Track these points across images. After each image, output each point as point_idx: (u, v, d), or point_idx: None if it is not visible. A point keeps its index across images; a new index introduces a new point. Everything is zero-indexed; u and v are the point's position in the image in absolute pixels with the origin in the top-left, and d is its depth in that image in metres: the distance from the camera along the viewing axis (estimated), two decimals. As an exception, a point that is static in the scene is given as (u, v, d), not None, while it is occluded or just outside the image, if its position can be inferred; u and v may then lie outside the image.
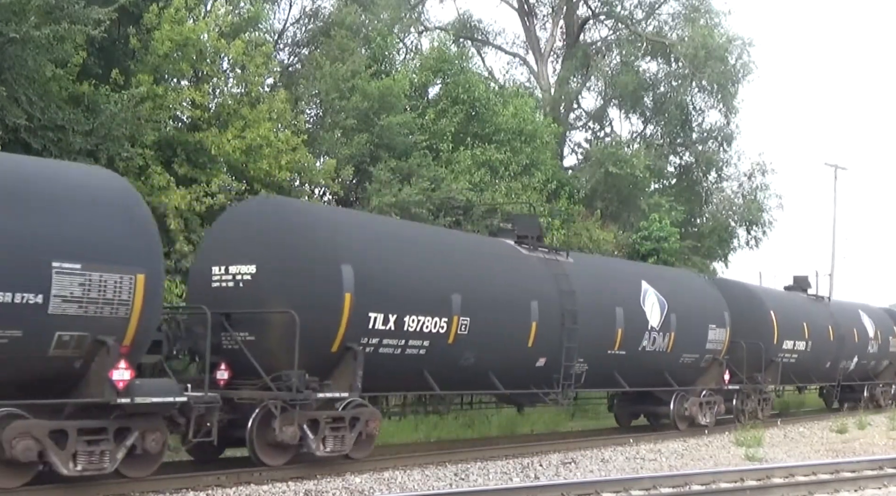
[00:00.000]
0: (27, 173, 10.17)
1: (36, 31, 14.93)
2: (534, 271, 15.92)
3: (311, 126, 23.03)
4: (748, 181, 37.07)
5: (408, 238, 14.64)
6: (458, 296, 13.97)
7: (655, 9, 37.21)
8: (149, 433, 10.65)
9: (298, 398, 11.94)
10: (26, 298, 9.49)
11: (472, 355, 14.38)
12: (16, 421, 9.74)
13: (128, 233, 10.48)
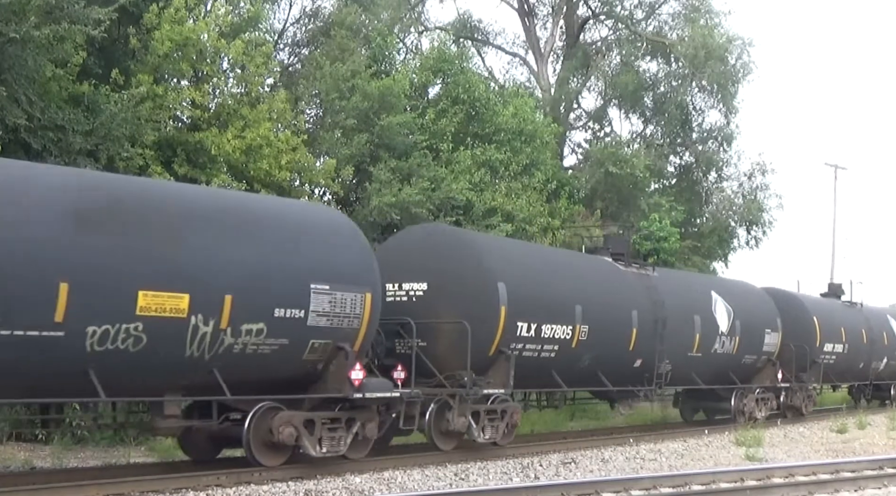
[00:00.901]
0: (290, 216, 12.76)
1: (36, 31, 14.93)
2: (631, 284, 18.30)
3: (311, 126, 23.04)
4: (748, 181, 37.08)
5: (542, 258, 17.38)
6: (579, 307, 16.29)
7: (655, 9, 37.22)
8: (368, 422, 12.95)
9: (470, 393, 14.24)
10: (293, 313, 11.85)
11: (588, 357, 16.66)
12: (281, 412, 11.99)
13: (358, 259, 12.86)
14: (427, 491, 11.40)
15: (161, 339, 10.63)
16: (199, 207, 11.65)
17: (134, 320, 10.37)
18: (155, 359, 10.72)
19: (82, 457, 14.52)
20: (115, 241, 10.40)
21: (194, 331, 10.89)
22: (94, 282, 10.08)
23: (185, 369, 11.07)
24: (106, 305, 10.19)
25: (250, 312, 11.39)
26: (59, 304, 9.77)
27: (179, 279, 10.75)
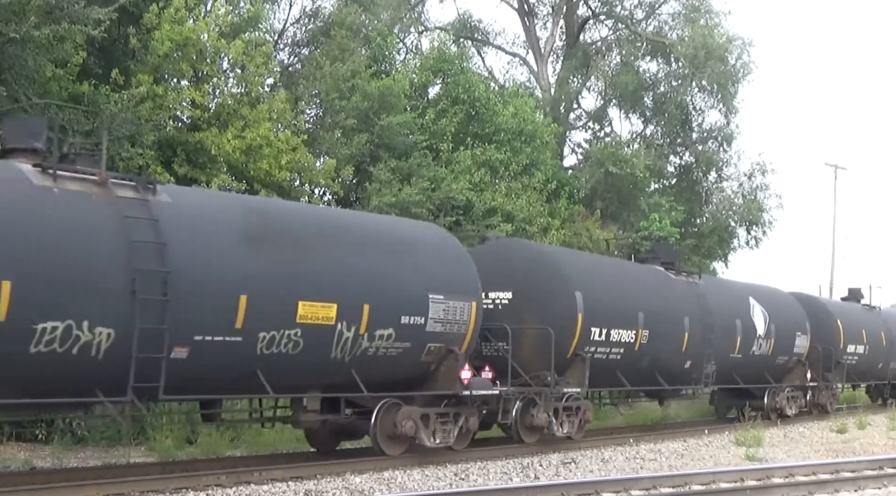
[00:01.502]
0: (407, 234, 14.45)
1: (36, 31, 14.94)
2: (682, 292, 19.79)
3: (311, 126, 23.05)
4: (748, 181, 37.05)
5: (609, 269, 19.07)
6: (641, 314, 17.80)
7: (655, 9, 37.19)
8: (470, 416, 14.55)
9: (554, 391, 15.75)
10: (415, 320, 13.45)
11: (647, 359, 18.11)
12: (403, 407, 13.54)
13: (464, 272, 14.49)
14: (427, 491, 11.40)
15: (314, 343, 12.22)
16: (342, 228, 13.44)
17: (294, 327, 11.95)
18: (307, 360, 12.31)
19: (82, 457, 14.51)
20: (279, 258, 11.96)
21: (339, 336, 12.54)
22: (265, 294, 11.61)
23: (330, 369, 12.71)
24: (274, 314, 11.74)
25: (383, 319, 13.01)
26: (239, 314, 11.36)
27: (329, 291, 12.39)
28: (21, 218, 9.88)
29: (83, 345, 10.08)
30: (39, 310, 9.74)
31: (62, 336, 9.90)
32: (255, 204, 13.32)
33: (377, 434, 13.42)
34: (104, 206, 10.66)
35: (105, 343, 10.24)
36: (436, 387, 14.07)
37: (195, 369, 11.03)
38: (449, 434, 14.16)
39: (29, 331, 9.67)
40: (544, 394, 15.72)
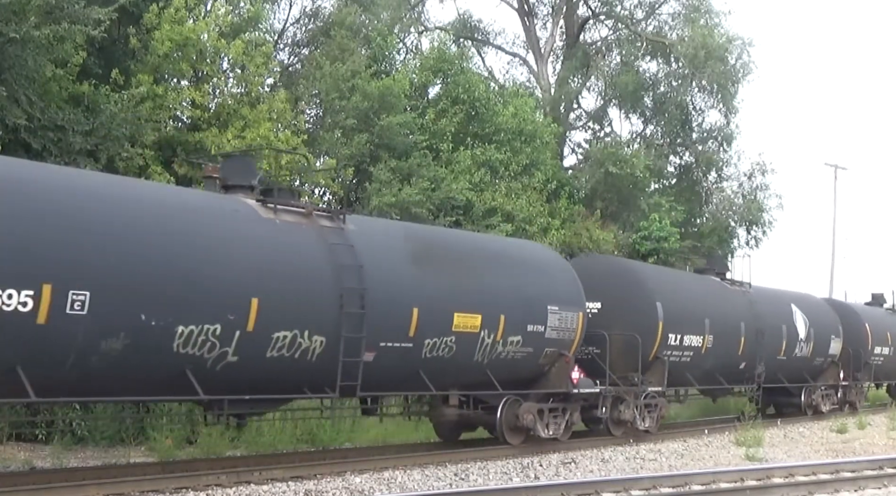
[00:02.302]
0: (530, 254, 16.97)
1: (36, 31, 14.93)
2: (737, 300, 21.89)
3: (311, 126, 23.05)
4: (748, 181, 37.04)
5: (681, 281, 21.39)
6: (708, 321, 20.02)
7: (655, 9, 37.18)
8: (574, 412, 16.71)
9: (641, 390, 18.04)
10: (537, 328, 15.58)
11: (711, 361, 20.27)
12: (524, 403, 15.63)
13: (573, 287, 16.66)
14: (427, 491, 11.40)
15: (463, 348, 14.37)
16: (483, 250, 15.92)
17: (450, 334, 14.10)
18: (457, 362, 14.43)
19: (82, 457, 14.52)
20: (439, 277, 14.14)
21: (481, 342, 14.68)
22: (430, 307, 13.72)
23: (472, 370, 14.89)
24: (436, 324, 13.87)
25: (513, 327, 15.15)
26: (412, 324, 13.46)
27: (476, 303, 14.54)
28: (259, 245, 11.89)
29: (303, 351, 12.12)
30: (276, 322, 11.69)
31: (290, 343, 11.91)
32: (417, 231, 15.56)
33: (502, 425, 15.56)
34: (313, 233, 12.79)
35: (318, 349, 12.28)
36: (548, 385, 16.25)
37: (378, 370, 13.06)
38: (559, 427, 16.38)
39: (268, 338, 11.67)
40: (633, 393, 17.99)
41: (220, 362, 11.29)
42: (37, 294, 9.52)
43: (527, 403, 15.75)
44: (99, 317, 10.02)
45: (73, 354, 10.01)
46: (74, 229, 10.00)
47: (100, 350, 10.18)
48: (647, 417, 18.50)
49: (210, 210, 11.82)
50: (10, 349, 9.54)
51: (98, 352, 10.17)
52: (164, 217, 11.08)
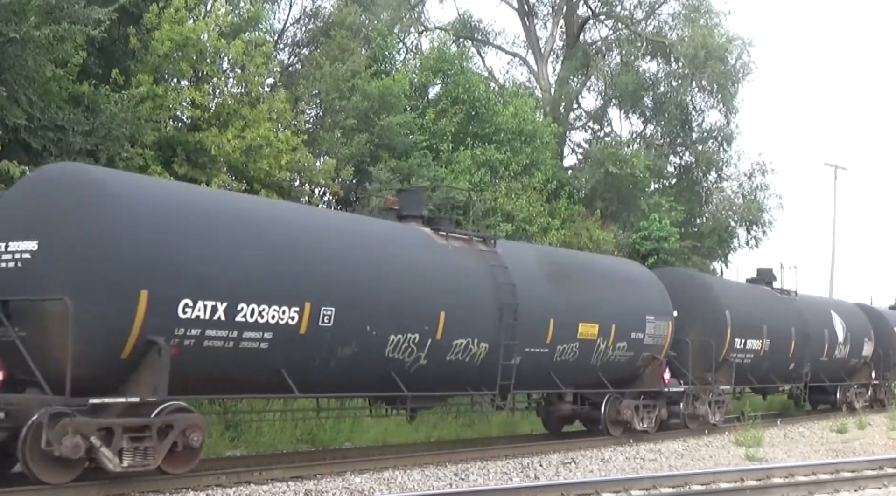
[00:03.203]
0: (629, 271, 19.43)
1: (36, 31, 14.92)
2: (787, 307, 24.47)
3: (311, 126, 23.04)
4: (748, 181, 37.07)
5: (743, 290, 23.64)
6: (765, 326, 22.31)
7: (655, 9, 37.21)
8: (661, 408, 18.97)
9: (714, 388, 20.41)
10: (638, 335, 18.00)
11: (767, 363, 22.72)
12: (624, 399, 17.96)
13: (663, 299, 18.98)
14: (427, 491, 11.40)
15: (583, 353, 16.79)
16: (597, 267, 18.52)
17: (575, 341, 16.50)
18: (578, 365, 16.74)
19: (82, 457, 14.48)
20: (568, 292, 16.50)
21: (597, 348, 17.06)
22: (562, 318, 16.17)
23: (587, 372, 17.20)
24: (566, 332, 16.25)
25: (621, 335, 17.55)
26: (549, 333, 15.92)
27: (595, 314, 16.93)
28: (443, 267, 14.44)
29: (472, 355, 14.47)
30: (456, 331, 14.09)
31: (463, 348, 14.32)
32: (544, 252, 18.30)
33: (606, 419, 17.72)
34: (477, 256, 15.21)
35: (482, 353, 14.66)
36: (643, 384, 18.55)
37: (522, 372, 15.38)
38: (651, 420, 18.56)
39: (450, 345, 14.08)
40: (709, 391, 20.26)
41: (415, 365, 13.73)
42: (301, 310, 11.85)
43: (626, 400, 18.00)
44: (339, 329, 12.36)
45: (318, 358, 12.31)
46: (325, 261, 12.49)
47: (337, 355, 12.51)
48: (716, 412, 20.50)
49: (405, 239, 14.42)
50: (279, 354, 11.74)
51: (335, 356, 12.51)
52: (380, 246, 13.67)
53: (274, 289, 11.55)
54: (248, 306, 11.25)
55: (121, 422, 10.42)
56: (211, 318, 10.90)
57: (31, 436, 9.94)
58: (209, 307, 10.86)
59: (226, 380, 11.53)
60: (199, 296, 10.78)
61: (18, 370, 10.33)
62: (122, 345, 10.32)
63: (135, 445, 10.51)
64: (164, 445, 10.76)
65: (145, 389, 10.54)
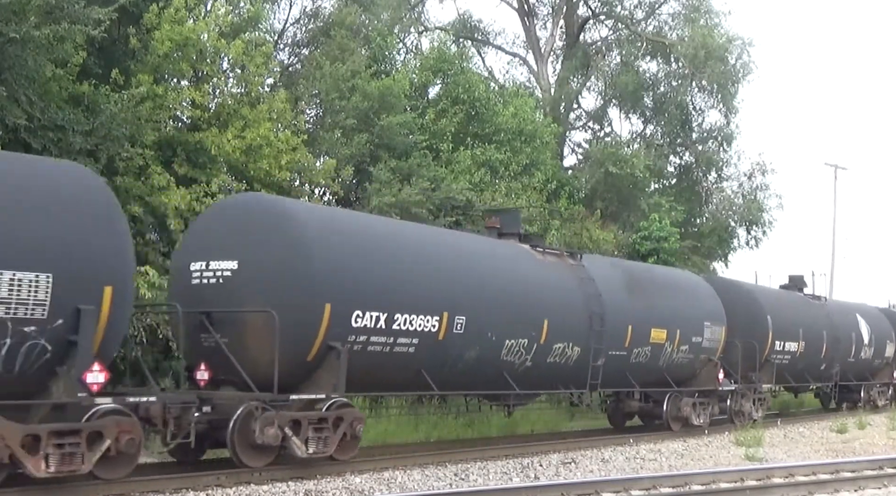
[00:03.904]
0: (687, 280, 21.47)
1: (36, 31, 14.91)
2: (819, 311, 26.31)
3: (311, 126, 23.03)
4: (748, 181, 37.08)
5: (781, 297, 25.34)
6: (801, 330, 24.38)
7: (655, 9, 37.21)
8: (714, 405, 20.74)
9: (758, 387, 22.23)
10: (697, 339, 19.89)
11: (803, 363, 24.43)
12: (683, 398, 19.71)
13: (717, 306, 20.90)
14: (427, 491, 11.40)
15: (653, 355, 18.69)
16: (662, 279, 20.45)
17: (647, 345, 18.48)
18: (648, 366, 18.76)
19: (82, 457, 14.47)
20: (642, 301, 18.52)
21: (664, 351, 19.04)
22: (638, 324, 18.15)
23: (655, 372, 19.14)
24: (640, 337, 18.30)
25: (684, 339, 19.41)
26: (627, 337, 18.00)
27: (664, 321, 18.92)
28: (545, 280, 16.40)
29: (567, 357, 16.43)
30: (556, 336, 16.05)
31: (561, 351, 16.30)
32: (620, 264, 20.22)
33: (668, 415, 19.38)
34: (568, 270, 17.26)
35: (575, 356, 16.61)
36: (699, 384, 20.31)
37: (605, 372, 17.33)
38: (707, 417, 20.21)
39: (551, 348, 16.04)
40: (754, 389, 21.97)
41: (522, 366, 15.69)
42: (440, 319, 13.83)
43: (685, 398, 19.68)
44: (468, 335, 14.30)
45: (450, 360, 14.22)
46: (458, 277, 14.48)
47: (464, 357, 14.43)
48: (759, 409, 22.17)
49: (516, 256, 16.46)
50: (422, 357, 13.68)
51: (463, 359, 14.42)
52: (498, 263, 15.75)
53: (421, 302, 13.57)
54: (402, 316, 13.25)
55: (307, 415, 12.28)
56: (374, 327, 12.94)
57: (238, 426, 11.69)
58: (374, 317, 12.89)
59: (380, 379, 13.59)
60: (367, 308, 12.81)
61: (220, 371, 12.20)
62: (308, 349, 12.28)
63: (317, 435, 12.36)
64: (337, 435, 12.63)
65: (324, 387, 12.50)
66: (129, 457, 10.71)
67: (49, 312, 9.70)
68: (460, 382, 14.92)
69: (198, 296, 12.45)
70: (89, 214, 10.26)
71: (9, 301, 9.41)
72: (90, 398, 10.24)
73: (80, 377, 10.10)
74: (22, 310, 9.54)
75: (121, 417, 10.55)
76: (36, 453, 9.87)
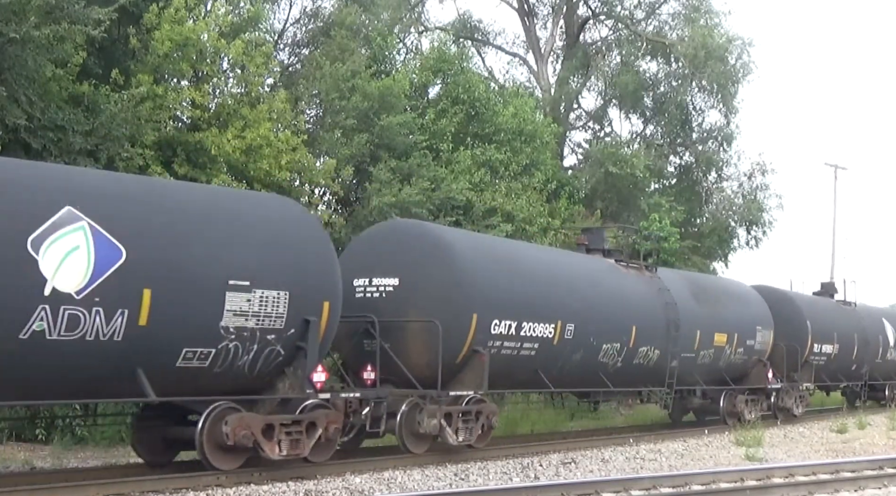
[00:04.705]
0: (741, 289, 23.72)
1: (36, 31, 14.92)
2: (850, 316, 28.32)
3: (311, 126, 23.02)
4: (748, 181, 37.06)
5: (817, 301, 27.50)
6: (835, 333, 26.16)
7: (655, 9, 37.17)
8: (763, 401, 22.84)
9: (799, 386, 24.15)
10: (751, 342, 22.12)
11: (836, 364, 26.55)
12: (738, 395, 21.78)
13: (766, 311, 23.17)
14: (427, 491, 11.40)
15: (715, 357, 20.96)
16: (721, 287, 22.77)
17: (710, 348, 20.64)
18: (711, 366, 20.89)
19: (82, 457, 14.52)
20: (708, 308, 20.73)
21: (725, 353, 21.22)
22: (704, 330, 20.38)
23: (715, 372, 21.17)
24: (706, 340, 20.48)
25: (741, 342, 21.62)
26: (696, 341, 20.10)
27: (726, 326, 21.16)
28: (632, 291, 18.65)
29: (649, 359, 18.61)
30: (641, 340, 18.21)
31: (645, 354, 18.45)
32: (686, 275, 22.62)
33: (724, 411, 21.37)
34: (648, 281, 19.39)
35: (655, 358, 18.73)
36: (750, 382, 22.24)
37: (679, 372, 19.39)
38: (757, 412, 22.04)
39: (637, 351, 18.19)
40: (796, 388, 23.91)
41: (614, 367, 17.75)
42: (555, 327, 16.02)
43: (739, 395, 21.69)
44: (575, 340, 16.48)
45: (560, 362, 16.41)
46: (569, 290, 16.82)
47: (571, 360, 16.61)
48: (799, 405, 24.14)
49: (606, 270, 18.76)
50: (539, 359, 15.89)
51: (570, 361, 16.61)
52: (596, 276, 18.09)
53: (542, 312, 15.77)
54: (527, 324, 15.45)
55: (456, 409, 14.38)
56: (507, 333, 15.09)
57: (405, 418, 13.84)
58: (507, 325, 15.07)
59: (506, 378, 15.59)
60: (503, 317, 14.96)
61: (383, 371, 14.01)
62: (458, 353, 14.44)
63: (465, 426, 14.51)
64: (478, 426, 14.75)
65: (469, 385, 14.63)
66: (331, 443, 12.77)
67: (285, 323, 11.78)
68: (567, 381, 17.19)
69: (361, 307, 14.44)
70: (311, 244, 12.52)
71: (259, 314, 11.50)
72: (315, 394, 12.33)
73: (308, 377, 12.12)
74: (268, 321, 11.63)
75: (328, 410, 12.53)
76: (271, 439, 11.79)
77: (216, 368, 11.27)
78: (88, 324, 9.97)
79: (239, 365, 11.49)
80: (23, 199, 9.80)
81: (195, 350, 10.95)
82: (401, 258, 14.59)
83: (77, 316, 9.87)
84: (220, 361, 11.26)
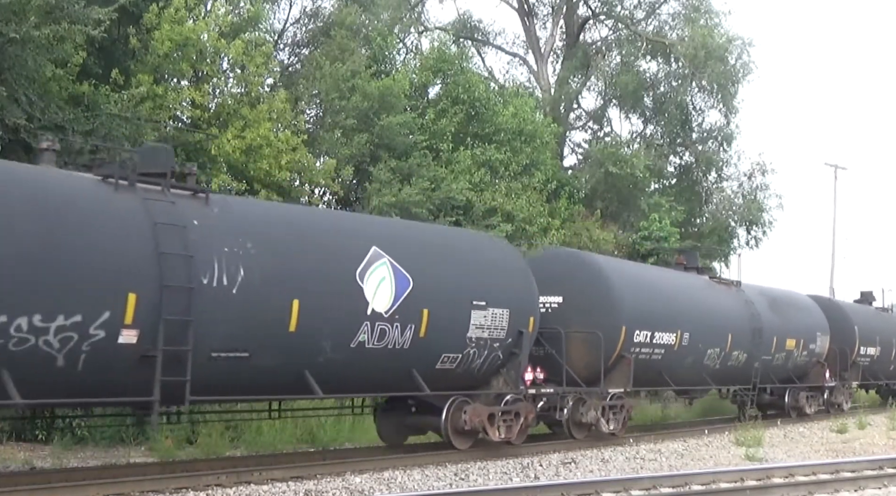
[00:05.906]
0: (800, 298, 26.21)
1: (36, 31, 14.92)
2: (887, 321, 30.92)
3: (311, 126, 23.03)
4: (748, 181, 37.06)
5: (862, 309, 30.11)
6: (878, 337, 28.83)
7: (655, 9, 37.17)
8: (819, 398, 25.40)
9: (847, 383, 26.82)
10: (811, 346, 24.68)
11: (878, 365, 28.94)
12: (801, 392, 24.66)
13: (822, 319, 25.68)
14: (427, 491, 11.39)
15: (784, 358, 23.47)
16: (790, 300, 25.12)
17: (783, 351, 23.31)
18: (779, 366, 23.45)
19: (82, 457, 14.50)
20: (782, 317, 23.29)
21: (793, 355, 23.84)
22: (779, 335, 23.05)
23: (784, 371, 23.92)
24: (780, 345, 23.07)
25: (804, 345, 24.27)
26: (773, 345, 22.81)
27: (793, 331, 23.78)
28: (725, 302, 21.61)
29: (739, 361, 21.35)
30: (734, 345, 20.88)
31: (736, 357, 21.14)
32: (764, 290, 24.43)
33: (788, 405, 24.14)
34: (735, 294, 22.11)
35: (742, 360, 21.50)
36: (809, 381, 25.06)
37: (759, 372, 22.17)
38: (816, 407, 25.06)
39: (731, 355, 20.98)
40: (845, 385, 26.49)
41: (713, 368, 20.42)
42: (676, 336, 18.92)
43: (801, 392, 24.44)
44: (689, 346, 19.33)
45: (676, 365, 19.19)
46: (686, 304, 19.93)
47: (684, 363, 19.43)
48: (847, 401, 26.85)
49: (704, 286, 21.56)
50: (663, 362, 18.70)
51: (684, 364, 19.47)
52: (702, 292, 21.14)
53: (667, 323, 18.67)
54: (658, 333, 18.35)
55: (609, 403, 17.37)
56: (644, 341, 17.99)
57: (571, 410, 16.81)
58: (644, 334, 18.00)
59: (638, 378, 17.86)
60: (642, 328, 17.93)
61: (547, 372, 16.41)
62: (610, 357, 17.32)
63: (614, 417, 17.52)
64: (622, 418, 17.74)
65: (618, 384, 17.59)
66: (525, 431, 15.68)
67: (506, 333, 14.79)
68: (680, 380, 19.85)
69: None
70: (519, 271, 15.61)
71: (491, 327, 14.55)
72: (525, 389, 15.50)
73: (521, 375, 15.27)
74: (496, 332, 14.66)
75: (526, 402, 15.44)
76: (493, 425, 14.83)
77: (458, 369, 14.32)
78: (391, 336, 13.02)
79: (473, 367, 14.54)
80: (348, 242, 12.82)
81: (449, 355, 14.05)
82: (564, 281, 17.60)
83: (385, 329, 12.94)
84: (462, 364, 14.31)
